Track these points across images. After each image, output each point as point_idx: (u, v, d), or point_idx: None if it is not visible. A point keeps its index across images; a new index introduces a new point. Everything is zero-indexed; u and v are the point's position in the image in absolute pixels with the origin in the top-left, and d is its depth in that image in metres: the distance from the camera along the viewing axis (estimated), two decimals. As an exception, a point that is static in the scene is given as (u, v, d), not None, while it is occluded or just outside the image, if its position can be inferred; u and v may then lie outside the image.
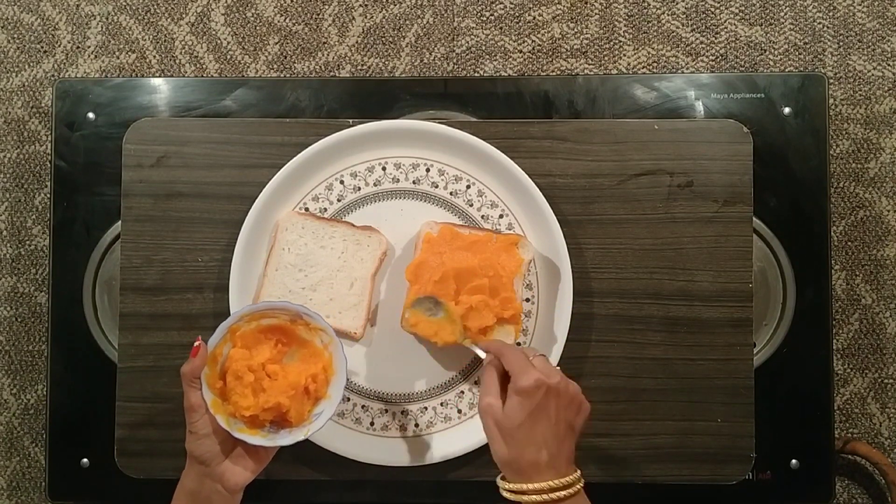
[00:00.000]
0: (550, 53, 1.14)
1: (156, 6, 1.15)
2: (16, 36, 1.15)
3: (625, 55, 1.13)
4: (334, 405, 0.74)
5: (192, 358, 0.71)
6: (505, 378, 0.69)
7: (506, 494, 0.67)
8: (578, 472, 0.67)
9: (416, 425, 0.84)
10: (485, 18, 1.14)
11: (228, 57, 1.14)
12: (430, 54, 1.14)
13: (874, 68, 1.12)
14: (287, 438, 0.72)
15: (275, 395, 0.72)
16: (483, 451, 0.83)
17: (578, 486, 0.66)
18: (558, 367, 0.70)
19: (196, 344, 0.71)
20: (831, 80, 1.12)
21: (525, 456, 0.65)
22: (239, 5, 1.15)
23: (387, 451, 0.83)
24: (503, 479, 0.69)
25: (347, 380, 0.84)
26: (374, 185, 0.86)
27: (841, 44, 1.12)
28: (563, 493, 0.65)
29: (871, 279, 1.09)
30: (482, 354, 0.74)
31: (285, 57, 1.14)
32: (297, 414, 0.73)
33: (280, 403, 0.72)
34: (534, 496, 0.65)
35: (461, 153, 0.85)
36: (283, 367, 0.74)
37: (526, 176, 0.83)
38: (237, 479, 0.70)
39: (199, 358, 0.71)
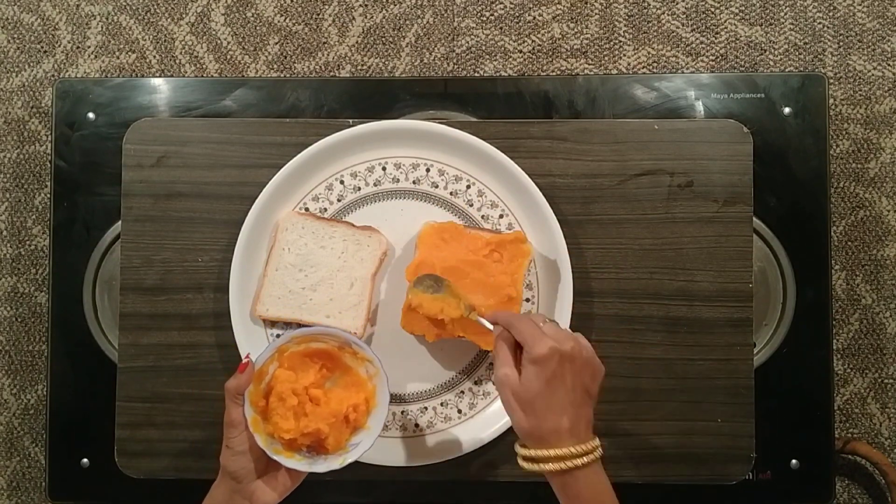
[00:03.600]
0: (550, 53, 1.14)
1: (156, 6, 1.15)
2: (16, 36, 1.15)
3: (625, 55, 1.13)
4: (373, 437, 0.73)
5: (239, 373, 0.71)
6: (517, 348, 0.69)
7: (523, 464, 0.67)
8: (597, 439, 0.67)
9: (416, 425, 0.84)
10: (485, 18, 1.14)
11: (228, 57, 1.14)
12: (430, 54, 1.14)
13: (874, 68, 1.12)
14: (322, 465, 0.72)
15: (316, 420, 0.72)
16: (483, 452, 0.83)
17: (596, 455, 0.66)
18: (569, 330, 0.69)
19: (245, 360, 0.71)
20: (831, 80, 1.12)
21: (545, 424, 0.65)
22: (239, 5, 1.15)
23: (387, 451, 0.83)
24: (522, 446, 0.68)
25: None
26: (374, 185, 0.86)
27: (841, 44, 1.12)
28: (580, 460, 0.64)
29: (871, 279, 1.09)
30: (490, 327, 0.73)
31: (285, 57, 1.14)
32: (334, 441, 0.73)
33: (320, 430, 0.72)
34: (551, 464, 0.65)
35: (461, 153, 0.85)
36: (325, 392, 0.74)
37: (526, 176, 0.83)
38: (266, 499, 0.70)
39: (246, 374, 0.71)
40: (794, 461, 0.90)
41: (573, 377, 0.66)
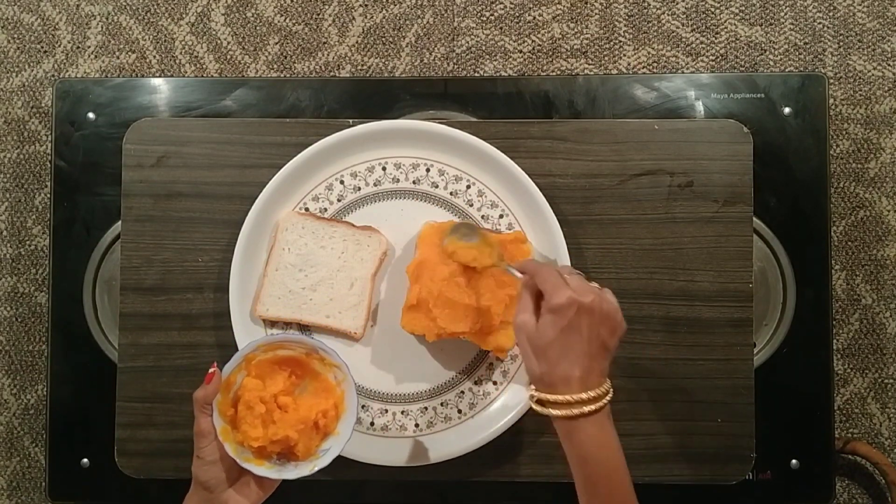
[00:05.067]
0: (550, 53, 1.14)
1: (156, 6, 1.15)
2: (16, 36, 1.15)
3: (625, 55, 1.13)
4: (342, 443, 0.74)
5: (206, 384, 0.71)
6: (540, 297, 0.69)
7: (534, 405, 0.67)
8: (608, 384, 0.67)
9: (416, 425, 0.84)
10: (485, 18, 1.14)
11: (228, 57, 1.14)
12: (430, 54, 1.14)
13: (874, 68, 1.12)
14: (293, 472, 0.72)
15: (284, 428, 0.72)
16: (483, 452, 0.83)
17: (603, 402, 0.66)
18: (596, 284, 0.69)
19: (211, 370, 0.71)
20: (831, 80, 1.12)
21: (556, 371, 0.66)
22: (239, 5, 1.15)
23: (387, 451, 0.83)
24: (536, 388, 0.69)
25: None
26: (374, 185, 0.86)
27: (841, 44, 1.12)
28: (586, 407, 0.65)
29: (871, 279, 1.09)
30: (518, 275, 0.74)
31: (285, 57, 1.14)
32: (304, 448, 0.73)
33: (289, 437, 0.72)
34: (558, 410, 0.65)
35: (461, 153, 0.85)
36: (294, 399, 0.74)
37: (526, 176, 0.83)
38: None
39: (213, 385, 0.71)
40: (794, 461, 0.90)
41: (590, 329, 0.66)
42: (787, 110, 0.92)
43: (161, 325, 0.86)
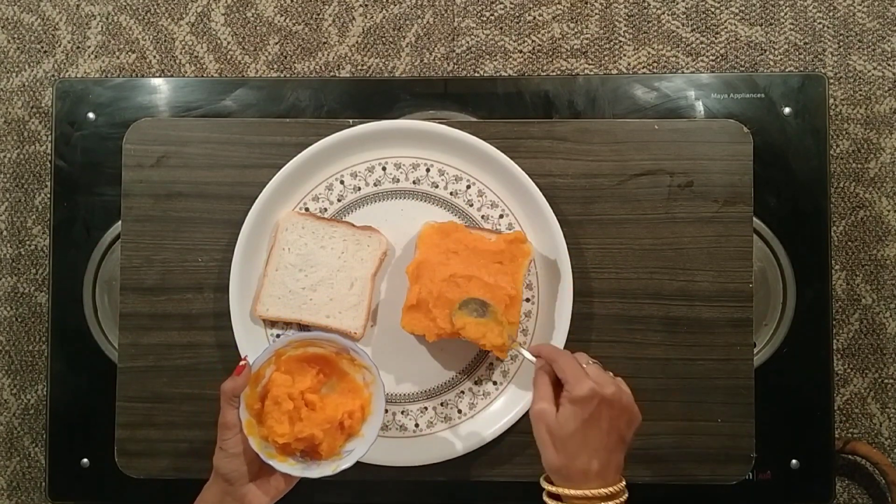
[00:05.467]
0: (550, 53, 1.14)
1: (156, 6, 1.15)
2: (16, 36, 1.15)
3: (625, 55, 1.13)
4: (367, 445, 0.73)
5: (235, 376, 0.71)
6: (557, 383, 0.69)
7: (547, 499, 0.67)
8: (624, 482, 0.67)
9: (416, 425, 0.84)
10: (485, 18, 1.14)
11: (228, 57, 1.14)
12: (430, 54, 1.14)
13: (874, 68, 1.12)
14: (315, 471, 0.72)
15: (311, 426, 0.72)
16: (483, 452, 0.83)
17: (621, 499, 0.65)
18: (611, 373, 0.69)
19: (241, 363, 0.71)
20: (831, 80, 1.12)
21: (575, 464, 0.65)
22: (239, 5, 1.15)
23: (387, 451, 0.83)
24: (547, 480, 0.68)
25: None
26: (375, 185, 0.86)
27: (841, 44, 1.12)
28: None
29: (871, 279, 1.09)
30: (532, 359, 0.73)
31: (285, 57, 1.14)
32: (328, 447, 0.73)
33: (314, 435, 0.72)
34: (574, 503, 0.65)
35: (461, 153, 0.85)
36: (321, 398, 0.74)
37: (526, 176, 0.83)
38: (258, 503, 0.70)
39: (243, 377, 0.71)
40: (794, 461, 0.90)
41: (610, 422, 0.66)
42: (787, 110, 0.92)
43: (161, 325, 0.86)
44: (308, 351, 0.75)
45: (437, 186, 0.85)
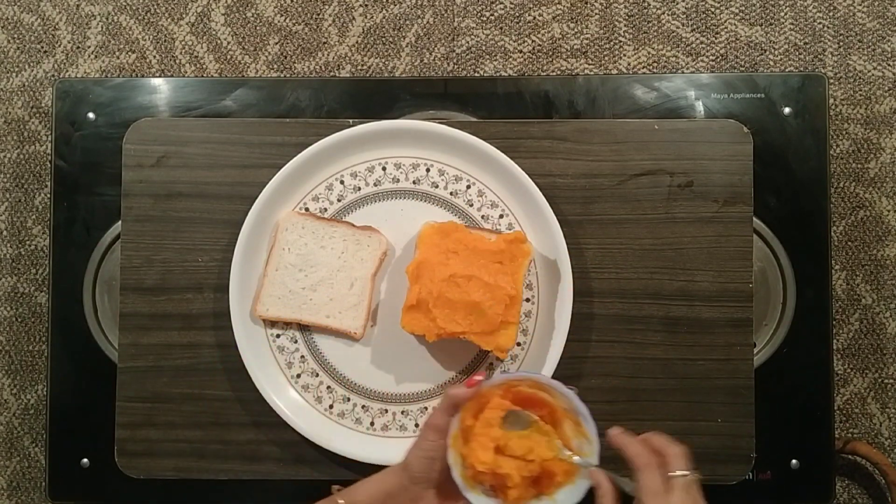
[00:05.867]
0: (550, 53, 1.14)
1: (156, 6, 1.15)
2: (16, 36, 1.15)
3: (625, 55, 1.13)
4: None
5: (466, 386, 0.70)
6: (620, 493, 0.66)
7: None
8: None
9: (417, 425, 0.84)
10: (485, 18, 1.14)
11: (228, 57, 1.14)
12: (430, 54, 1.14)
13: (874, 68, 1.12)
14: None
15: (510, 466, 0.69)
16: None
17: None
18: (698, 497, 0.66)
19: (478, 378, 0.72)
20: (831, 80, 1.12)
21: None
22: (239, 5, 1.15)
23: (387, 451, 0.83)
24: None
25: (348, 380, 0.84)
26: (374, 185, 0.86)
27: (841, 44, 1.12)
28: None
29: (871, 279, 1.09)
30: (591, 470, 0.68)
31: (285, 57, 1.14)
32: (516, 496, 0.69)
33: (510, 476, 0.69)
34: None
35: (461, 153, 0.85)
36: (534, 444, 0.70)
37: (526, 176, 0.83)
38: None
39: (471, 390, 0.70)
40: (794, 461, 0.90)
41: None
42: (787, 110, 0.92)
43: (161, 325, 0.86)
44: (538, 394, 0.72)
45: (437, 186, 0.85)
